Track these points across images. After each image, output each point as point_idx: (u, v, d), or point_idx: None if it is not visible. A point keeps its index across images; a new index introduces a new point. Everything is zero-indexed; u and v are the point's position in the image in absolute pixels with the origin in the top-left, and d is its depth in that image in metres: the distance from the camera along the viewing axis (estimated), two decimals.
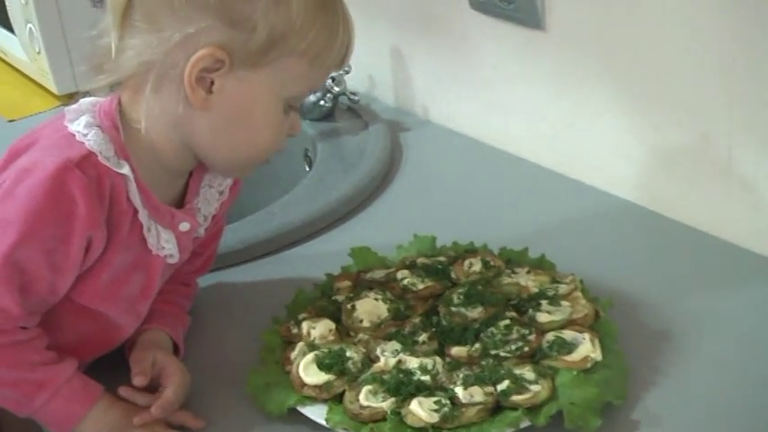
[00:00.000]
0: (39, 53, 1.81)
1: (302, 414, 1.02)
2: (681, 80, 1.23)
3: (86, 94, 1.04)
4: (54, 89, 1.83)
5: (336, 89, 1.62)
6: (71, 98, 1.71)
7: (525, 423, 0.98)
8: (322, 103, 1.62)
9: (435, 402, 0.98)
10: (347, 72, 1.59)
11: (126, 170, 0.98)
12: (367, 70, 1.72)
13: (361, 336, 1.10)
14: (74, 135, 0.98)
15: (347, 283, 1.19)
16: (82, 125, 0.99)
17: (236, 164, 1.05)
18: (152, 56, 0.97)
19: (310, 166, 1.59)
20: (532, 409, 0.98)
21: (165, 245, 1.05)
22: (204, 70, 0.96)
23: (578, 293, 1.12)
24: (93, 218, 0.96)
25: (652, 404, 1.02)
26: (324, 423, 1.01)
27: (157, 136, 1.01)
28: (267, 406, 1.04)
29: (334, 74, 1.58)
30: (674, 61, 1.23)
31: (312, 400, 1.03)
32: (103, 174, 0.97)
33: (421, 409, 0.98)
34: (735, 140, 1.20)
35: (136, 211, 1.01)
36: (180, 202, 1.08)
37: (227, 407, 1.07)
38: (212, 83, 0.97)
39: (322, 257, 1.30)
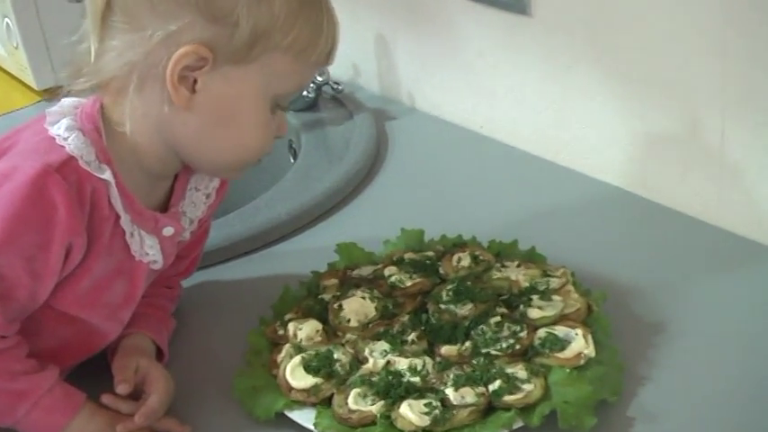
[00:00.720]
0: (16, 48, 1.78)
1: (291, 418, 1.00)
2: (672, 64, 1.21)
3: (69, 92, 1.00)
4: (33, 84, 1.80)
5: (319, 79, 1.59)
6: (50, 93, 1.72)
7: (518, 424, 0.95)
8: (305, 93, 1.59)
9: (426, 405, 0.96)
10: None
11: (107, 175, 0.96)
12: (350, 58, 1.69)
13: (348, 336, 1.07)
14: (54, 139, 0.95)
15: (334, 281, 1.16)
16: (63, 128, 0.96)
17: (222, 166, 1.03)
18: (134, 56, 0.94)
19: (295, 158, 1.57)
20: (525, 409, 0.96)
21: (148, 251, 1.02)
22: (187, 68, 0.94)
23: (570, 287, 1.09)
24: (74, 224, 0.94)
25: (648, 400, 1.00)
26: (312, 428, 0.98)
27: (141, 138, 0.98)
28: (254, 411, 1.02)
29: None
30: (665, 44, 1.20)
31: (300, 404, 1.01)
32: (84, 179, 0.94)
33: (411, 412, 0.95)
34: (728, 125, 1.17)
35: (118, 217, 0.98)
36: (165, 206, 1.05)
37: (214, 411, 1.05)
38: (195, 81, 0.94)
39: (308, 253, 1.28)
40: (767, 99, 1.13)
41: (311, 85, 1.59)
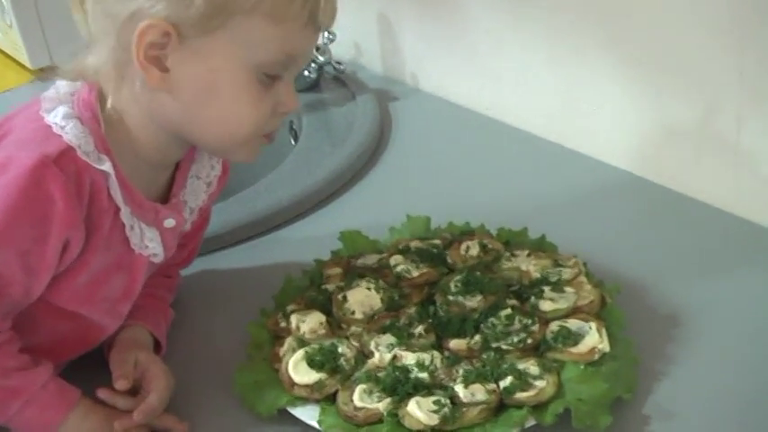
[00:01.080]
0: (10, 26, 1.74)
1: (294, 415, 0.97)
2: (686, 45, 1.17)
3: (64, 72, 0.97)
4: (27, 63, 1.76)
5: (321, 58, 1.55)
6: (45, 72, 1.68)
7: (531, 422, 0.92)
8: (306, 73, 1.56)
9: (434, 402, 0.93)
10: (332, 40, 1.53)
11: (107, 166, 0.92)
12: (352, 37, 1.65)
13: (353, 328, 1.04)
14: (51, 127, 0.91)
15: (337, 270, 1.12)
16: (59, 116, 0.92)
17: (220, 145, 0.98)
18: (110, 41, 0.91)
19: (296, 140, 1.53)
20: (538, 407, 0.93)
21: (148, 243, 0.99)
22: (154, 47, 0.89)
23: (583, 278, 1.06)
24: (72, 218, 0.90)
25: (664, 397, 0.96)
26: (317, 426, 0.95)
27: (136, 126, 0.95)
28: (256, 407, 0.98)
29: (318, 42, 1.51)
30: (680, 27, 1.16)
31: (304, 400, 0.97)
32: (83, 170, 0.90)
33: (419, 410, 0.92)
34: (744, 110, 1.13)
35: (117, 210, 0.95)
36: (165, 196, 1.02)
37: (214, 407, 1.01)
38: (166, 59, 0.90)
39: (310, 240, 1.24)
40: None
41: (312, 65, 1.55)
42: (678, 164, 1.24)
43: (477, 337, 1.00)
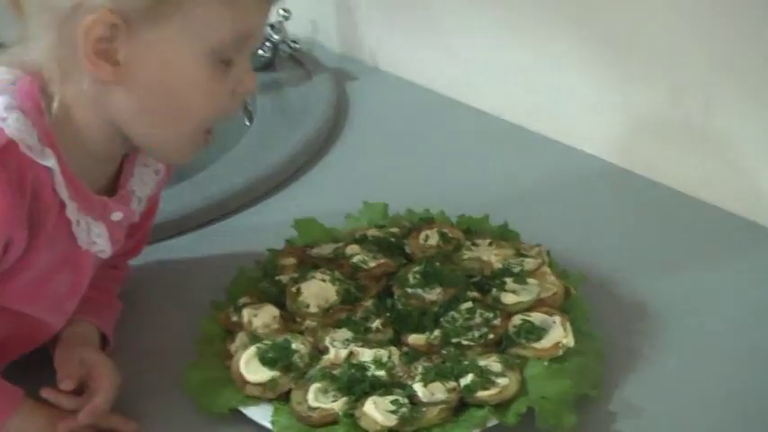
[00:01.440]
0: None
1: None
2: (654, 28, 1.14)
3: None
4: None
5: (276, 37, 1.51)
6: None
7: (493, 422, 0.88)
8: (261, 52, 1.51)
9: (392, 402, 0.89)
10: (287, 18, 1.49)
11: (51, 161, 0.87)
12: (308, 14, 1.60)
13: (308, 323, 1.00)
14: None
15: (291, 261, 1.08)
16: (0, 108, 0.86)
17: (173, 142, 0.93)
18: (50, 37, 0.86)
19: (250, 121, 1.48)
20: (500, 406, 0.89)
21: (96, 239, 0.94)
22: (102, 41, 0.85)
23: (546, 268, 1.02)
24: (13, 217, 0.85)
25: (630, 392, 0.94)
26: (270, 427, 0.91)
27: (82, 119, 0.90)
28: (207, 406, 0.94)
29: (272, 20, 1.46)
30: (648, 7, 1.13)
31: (257, 399, 0.93)
32: (25, 166, 0.85)
33: (376, 410, 0.88)
34: (712, 94, 1.11)
35: (63, 205, 0.90)
36: (112, 188, 0.97)
37: (164, 405, 0.97)
38: (116, 53, 0.85)
39: (264, 227, 1.20)
40: (753, 69, 1.07)
41: (267, 43, 1.50)
42: (645, 148, 1.21)
43: (437, 332, 0.96)
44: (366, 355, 0.94)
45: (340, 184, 1.27)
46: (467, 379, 0.91)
